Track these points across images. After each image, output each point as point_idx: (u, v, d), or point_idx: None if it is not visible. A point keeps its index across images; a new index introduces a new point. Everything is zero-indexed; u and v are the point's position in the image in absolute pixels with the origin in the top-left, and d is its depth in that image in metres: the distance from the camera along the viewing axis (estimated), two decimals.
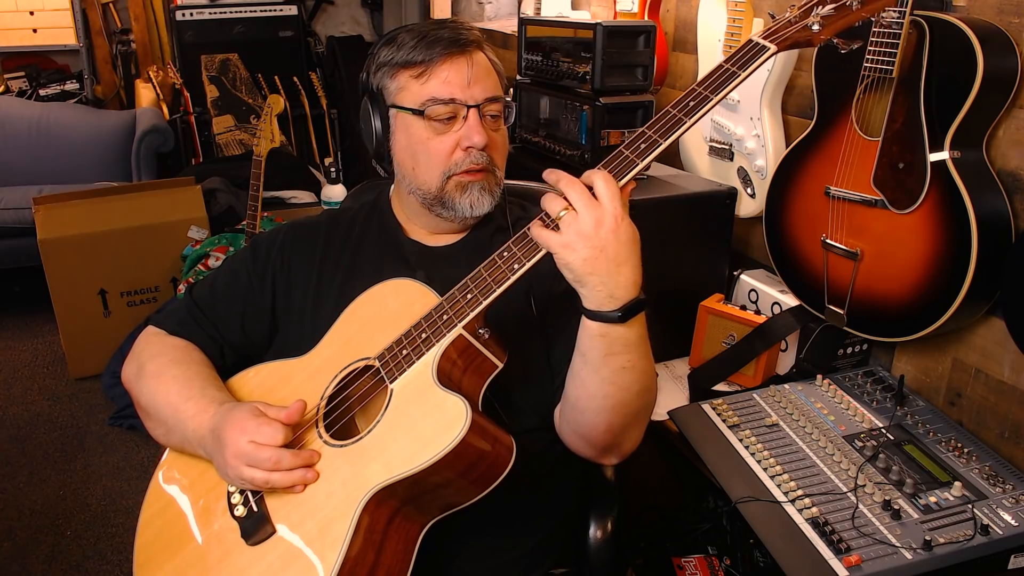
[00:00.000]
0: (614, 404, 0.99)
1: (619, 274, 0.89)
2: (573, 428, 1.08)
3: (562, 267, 0.89)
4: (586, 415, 1.02)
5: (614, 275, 0.89)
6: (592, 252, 0.87)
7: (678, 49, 2.21)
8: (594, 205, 0.87)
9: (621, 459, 1.11)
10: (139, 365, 1.17)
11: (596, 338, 0.94)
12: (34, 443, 2.70)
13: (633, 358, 0.96)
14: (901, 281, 1.40)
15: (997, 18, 1.33)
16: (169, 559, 1.05)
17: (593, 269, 0.88)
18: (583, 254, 0.87)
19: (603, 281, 0.89)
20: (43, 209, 3.01)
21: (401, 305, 1.05)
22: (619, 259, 0.88)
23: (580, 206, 0.88)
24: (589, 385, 0.99)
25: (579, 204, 0.88)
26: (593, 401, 1.00)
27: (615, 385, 0.97)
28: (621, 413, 1.00)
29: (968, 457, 1.32)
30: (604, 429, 1.02)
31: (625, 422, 1.03)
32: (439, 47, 1.09)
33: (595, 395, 0.99)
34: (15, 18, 4.20)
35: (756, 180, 1.80)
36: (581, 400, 1.01)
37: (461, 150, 1.10)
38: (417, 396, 0.95)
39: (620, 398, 0.98)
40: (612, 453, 1.09)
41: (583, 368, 0.98)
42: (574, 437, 1.09)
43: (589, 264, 0.88)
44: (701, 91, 0.93)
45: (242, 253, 1.27)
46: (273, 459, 0.96)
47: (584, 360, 0.97)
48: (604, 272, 0.88)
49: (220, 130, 4.08)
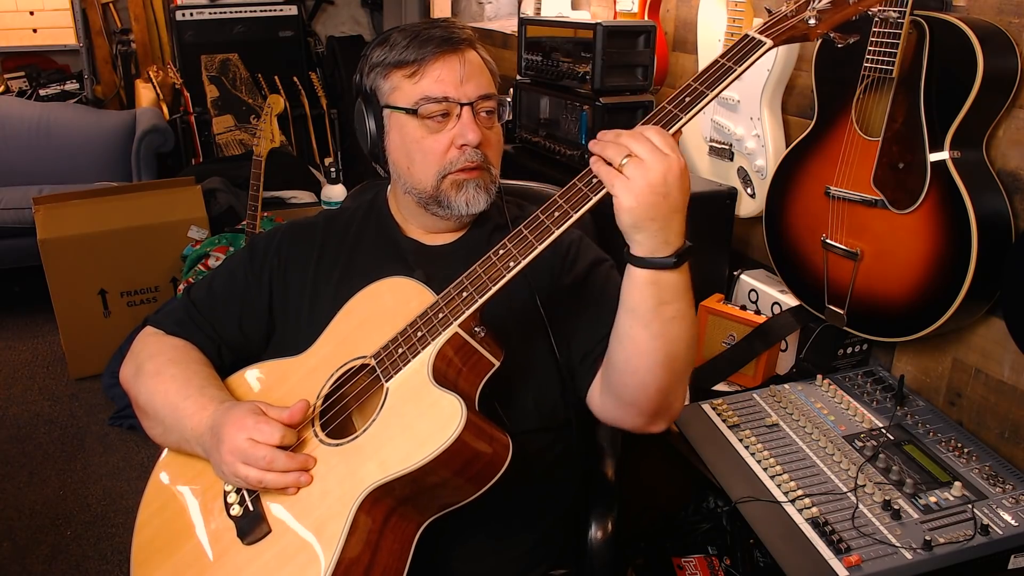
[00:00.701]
0: (665, 358, 0.97)
1: (674, 221, 0.90)
2: (621, 397, 1.04)
3: (623, 211, 0.88)
4: (637, 376, 0.99)
5: (670, 221, 0.89)
6: (656, 198, 0.87)
7: (678, 49, 2.21)
8: (662, 154, 0.88)
9: (670, 423, 1.08)
10: (137, 365, 1.17)
11: (647, 287, 0.93)
12: (34, 443, 2.70)
13: (682, 307, 0.95)
14: (901, 281, 1.39)
15: (997, 18, 1.33)
16: (167, 558, 1.05)
17: (655, 215, 0.88)
18: (648, 199, 0.87)
19: (660, 227, 0.89)
20: (43, 209, 3.01)
21: (397, 303, 1.05)
22: (677, 207, 0.89)
23: (647, 154, 0.88)
24: (640, 342, 0.96)
25: (646, 152, 0.88)
26: (645, 359, 0.97)
27: (665, 338, 0.95)
28: (671, 369, 0.98)
29: (968, 457, 1.32)
30: (656, 389, 1.00)
31: (674, 378, 1.01)
32: (431, 46, 1.09)
33: (646, 351, 0.97)
34: (15, 18, 4.20)
35: (756, 180, 1.80)
36: (632, 361, 0.99)
37: (456, 148, 1.11)
38: (413, 395, 0.95)
39: (671, 351, 0.97)
40: (662, 417, 1.06)
41: (633, 325, 0.96)
42: (621, 409, 1.06)
43: (652, 210, 0.88)
44: (697, 87, 0.93)
45: (240, 253, 1.27)
46: (268, 458, 0.96)
47: (634, 316, 0.95)
48: (663, 219, 0.89)
49: (220, 130, 4.08)
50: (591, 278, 1.18)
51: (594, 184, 0.92)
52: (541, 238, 0.93)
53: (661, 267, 0.91)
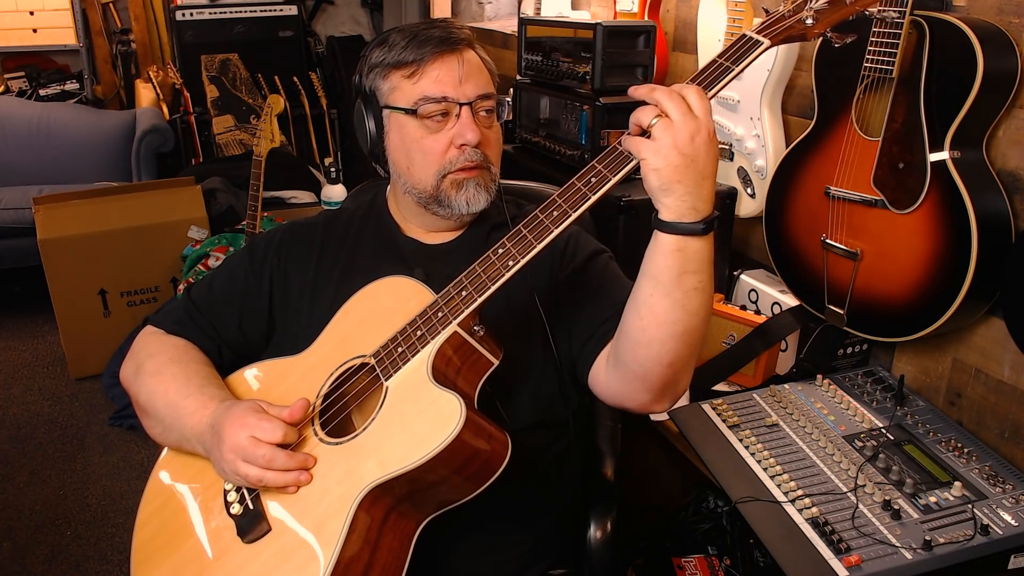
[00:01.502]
0: (682, 331, 0.96)
1: (703, 187, 0.89)
2: (631, 370, 1.03)
3: (650, 173, 0.88)
4: (651, 348, 0.98)
5: (699, 187, 0.89)
6: (684, 161, 0.87)
7: (678, 49, 2.21)
8: (691, 116, 0.88)
9: (674, 403, 1.07)
10: (137, 364, 1.17)
11: (672, 254, 0.92)
12: (34, 443, 2.70)
13: (704, 279, 0.94)
14: (901, 281, 1.39)
15: (997, 18, 1.33)
16: (166, 557, 1.05)
17: (682, 178, 0.88)
18: (675, 161, 0.87)
19: (689, 191, 0.89)
20: (43, 209, 3.01)
21: (396, 302, 1.05)
22: (706, 172, 0.89)
23: (677, 115, 0.88)
24: (659, 310, 0.95)
25: (676, 113, 0.88)
26: (662, 329, 0.96)
27: (685, 308, 0.95)
28: (686, 342, 0.97)
29: (968, 457, 1.32)
30: (668, 362, 0.99)
31: (687, 353, 1.00)
32: (429, 46, 1.10)
33: (664, 321, 0.96)
34: (15, 18, 4.20)
35: (756, 180, 1.80)
36: (648, 331, 0.97)
37: (455, 148, 1.11)
38: (412, 393, 0.95)
39: (688, 323, 0.96)
40: (667, 394, 1.05)
41: (654, 292, 0.95)
42: (629, 384, 1.05)
43: (679, 172, 0.88)
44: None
45: (240, 253, 1.27)
46: (268, 456, 0.96)
47: (655, 283, 0.94)
48: (691, 182, 0.88)
49: (220, 130, 4.08)
50: (590, 268, 1.18)
51: (592, 183, 0.92)
52: (540, 237, 0.93)
53: (688, 233, 0.90)
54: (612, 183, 0.93)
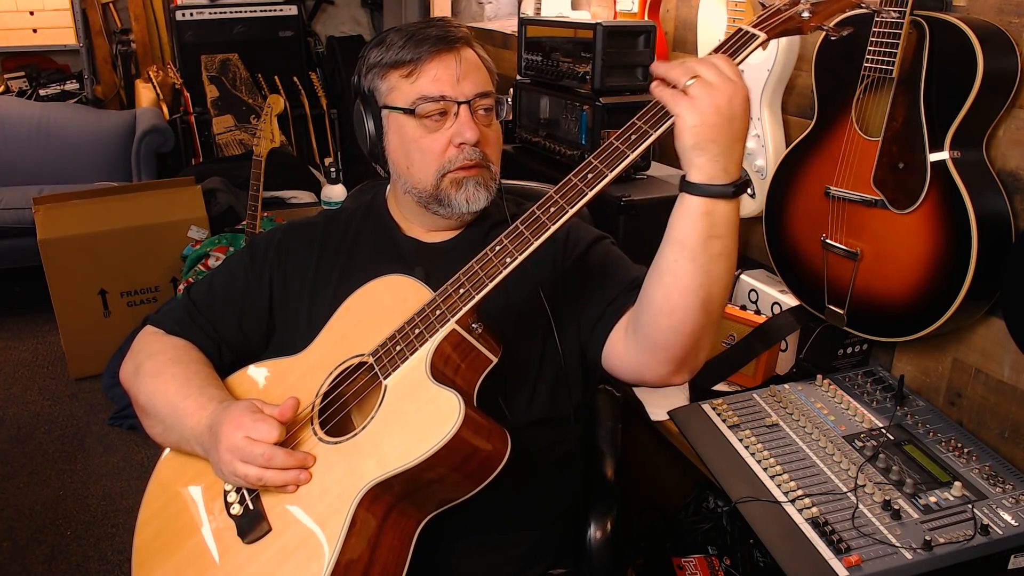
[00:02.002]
0: (705, 297, 0.95)
1: (735, 149, 0.89)
2: (653, 339, 1.02)
3: (685, 130, 0.88)
4: (674, 316, 0.97)
5: (731, 148, 0.89)
6: (721, 120, 0.87)
7: (678, 49, 2.21)
8: (729, 78, 0.88)
9: (692, 375, 1.06)
10: (137, 364, 1.17)
11: (701, 217, 0.91)
12: (34, 443, 2.70)
13: (730, 244, 0.94)
14: (901, 281, 1.39)
15: (997, 18, 1.33)
16: (167, 558, 1.05)
17: (717, 137, 0.87)
18: (712, 120, 0.87)
19: (722, 151, 0.88)
20: (43, 209, 3.01)
21: (395, 301, 1.05)
22: (739, 135, 0.89)
23: (714, 77, 0.87)
24: (683, 276, 0.94)
25: (712, 76, 0.87)
26: (686, 296, 0.95)
27: (710, 274, 0.94)
28: (707, 310, 0.97)
29: (968, 457, 1.32)
30: (689, 331, 0.98)
31: (709, 322, 0.99)
32: (427, 45, 1.09)
33: (688, 288, 0.95)
34: (15, 18, 4.20)
35: (756, 180, 1.80)
36: (672, 298, 0.96)
37: (454, 147, 1.11)
38: (411, 391, 0.95)
39: (711, 291, 0.95)
40: (687, 365, 1.04)
41: (679, 257, 0.94)
42: (648, 354, 1.04)
43: (716, 131, 0.87)
44: None
45: (239, 253, 1.27)
46: (266, 455, 0.96)
47: (681, 248, 0.94)
48: (725, 143, 0.88)
49: (220, 130, 4.08)
50: (592, 254, 1.19)
51: (589, 179, 0.92)
52: (537, 233, 0.93)
53: (718, 195, 0.90)
54: (608, 179, 0.93)
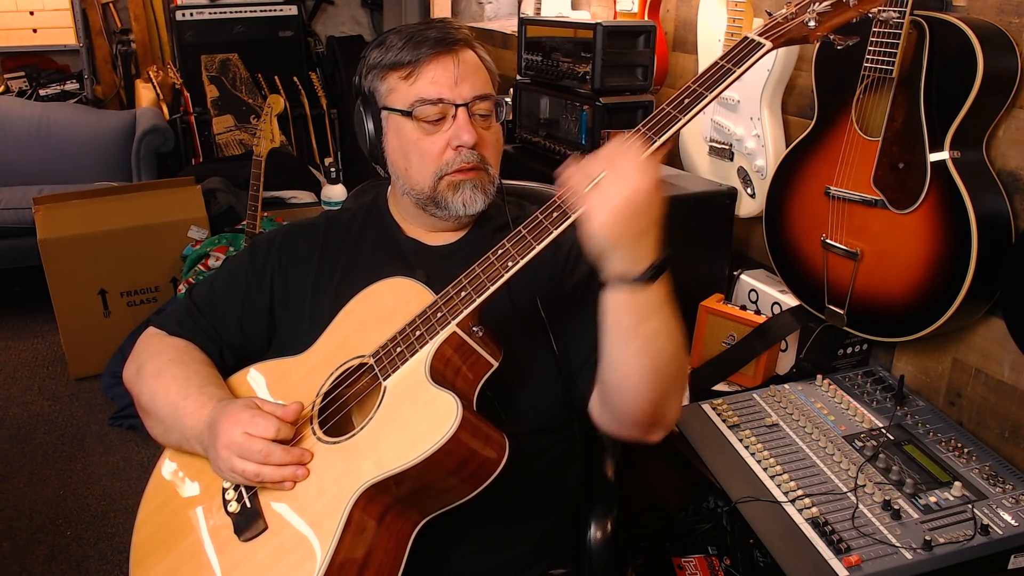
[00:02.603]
0: (652, 374, 0.97)
1: (644, 241, 0.89)
2: (617, 413, 1.05)
3: (589, 236, 0.88)
4: (627, 394, 1.00)
5: (641, 242, 0.89)
6: (618, 222, 0.87)
7: (678, 49, 2.21)
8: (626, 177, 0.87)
9: (667, 432, 1.08)
10: (139, 365, 1.18)
11: (624, 307, 0.92)
12: (34, 443, 2.70)
13: (663, 321, 0.95)
14: (901, 281, 1.39)
15: (997, 18, 1.33)
16: (165, 555, 1.05)
17: (620, 239, 0.88)
18: (612, 225, 0.87)
19: (631, 247, 0.89)
20: (43, 209, 3.01)
21: (397, 303, 1.05)
22: (647, 228, 0.89)
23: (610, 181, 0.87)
24: (624, 361, 0.96)
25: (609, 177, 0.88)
26: (632, 377, 0.97)
27: (649, 354, 0.95)
28: (660, 382, 0.98)
29: (968, 457, 1.32)
30: (647, 402, 1.00)
31: (666, 390, 1.00)
32: (426, 47, 1.09)
33: (632, 370, 0.96)
34: (15, 18, 4.20)
35: (756, 180, 1.80)
36: (620, 379, 0.99)
37: (451, 149, 1.10)
38: (410, 393, 0.95)
39: (656, 366, 0.96)
40: (658, 427, 1.06)
41: (615, 345, 0.96)
42: (618, 422, 1.07)
43: (618, 235, 0.88)
44: (696, 88, 0.93)
45: (241, 254, 1.27)
46: (264, 451, 0.96)
47: (615, 335, 0.95)
48: (632, 239, 0.88)
49: (220, 130, 4.08)
50: (592, 281, 1.18)
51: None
52: (539, 238, 0.93)
53: (635, 283, 0.91)
54: None
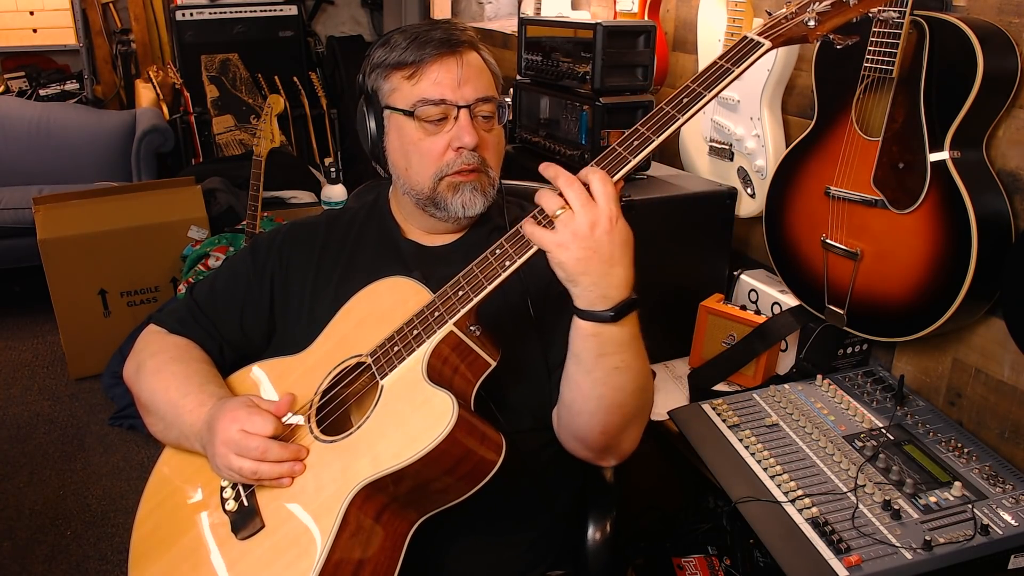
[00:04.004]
0: (608, 405, 0.98)
1: (611, 275, 0.89)
2: (570, 431, 1.08)
3: (555, 266, 0.89)
4: (582, 417, 1.02)
5: (607, 275, 0.89)
6: (586, 252, 0.87)
7: (678, 49, 2.21)
8: (591, 205, 0.88)
9: (620, 460, 1.11)
10: (139, 362, 1.18)
11: (589, 338, 0.94)
12: (34, 443, 2.70)
13: (626, 358, 0.95)
14: (901, 281, 1.39)
15: (997, 18, 1.33)
16: (164, 553, 1.05)
17: (586, 269, 0.88)
18: (577, 254, 0.87)
19: (595, 282, 0.89)
20: (43, 209, 3.01)
21: (395, 302, 1.05)
22: (612, 260, 0.89)
23: (577, 206, 0.88)
24: (583, 386, 0.98)
25: (576, 204, 0.88)
26: (588, 403, 0.99)
27: (608, 386, 0.97)
28: (617, 414, 1.00)
29: (968, 457, 1.32)
30: (600, 431, 1.02)
31: (621, 423, 1.02)
32: (430, 47, 1.10)
33: (589, 396, 0.98)
34: (15, 18, 4.20)
35: (756, 180, 1.80)
36: (576, 402, 1.01)
37: (452, 151, 1.11)
38: (406, 392, 0.95)
39: (614, 399, 0.98)
40: (610, 454, 1.09)
41: (576, 370, 0.98)
42: (571, 440, 1.09)
43: (583, 264, 0.88)
44: (695, 88, 0.93)
45: (242, 253, 1.27)
46: (261, 448, 0.96)
47: (577, 361, 0.97)
48: (597, 272, 0.89)
49: (220, 130, 4.08)
50: None
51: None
52: None
53: (600, 320, 0.91)
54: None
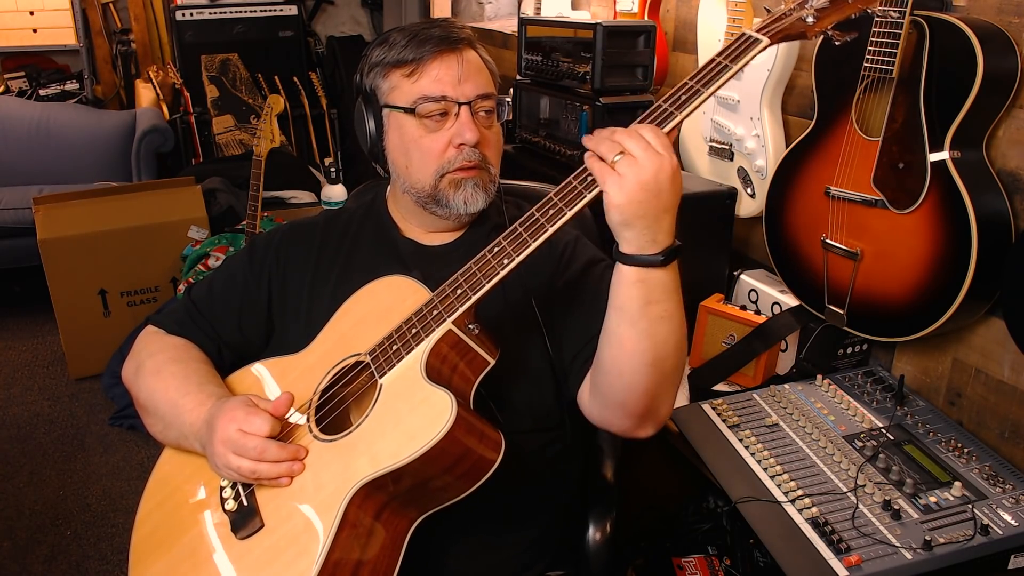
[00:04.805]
0: (653, 359, 0.97)
1: (663, 220, 0.90)
2: (609, 397, 1.04)
3: (613, 208, 0.89)
4: (624, 378, 0.99)
5: (659, 220, 0.90)
6: (647, 196, 0.88)
7: (678, 49, 2.21)
8: (655, 152, 0.88)
9: (657, 428, 1.07)
10: (138, 363, 1.18)
11: (635, 285, 0.93)
12: (34, 443, 2.70)
13: (670, 307, 0.95)
14: (901, 281, 1.39)
15: (997, 18, 1.33)
16: (164, 554, 1.05)
17: (644, 212, 0.88)
18: (638, 197, 0.87)
19: (648, 225, 0.89)
20: (43, 209, 3.01)
21: (394, 301, 1.05)
22: (667, 206, 0.90)
23: (639, 152, 0.88)
24: (626, 342, 0.96)
25: (638, 150, 0.88)
26: (632, 359, 0.97)
27: (653, 338, 0.95)
28: (659, 370, 0.98)
29: (968, 457, 1.32)
30: (642, 391, 0.99)
31: (662, 380, 1.00)
32: (429, 45, 1.10)
33: (634, 351, 0.96)
34: (15, 18, 4.20)
35: (756, 180, 1.80)
36: (619, 361, 0.98)
37: (453, 147, 1.11)
38: (405, 391, 0.95)
39: (658, 352, 0.96)
40: (649, 420, 1.05)
41: (620, 323, 0.96)
42: (609, 410, 1.06)
43: (642, 207, 0.88)
44: (692, 85, 0.93)
45: (240, 254, 1.27)
46: (259, 448, 0.96)
47: (621, 313, 0.95)
48: (651, 217, 0.89)
49: (220, 130, 4.08)
50: (585, 278, 1.18)
51: (589, 182, 0.92)
52: (535, 235, 0.93)
53: (649, 264, 0.91)
54: None
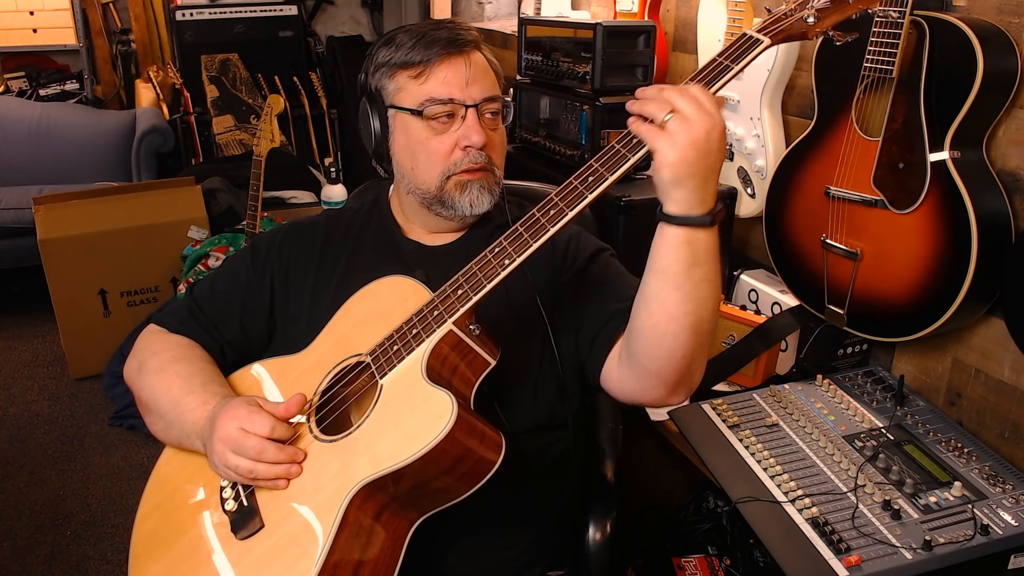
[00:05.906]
0: (694, 323, 0.96)
1: (711, 181, 0.90)
2: (645, 366, 1.03)
3: (663, 166, 0.88)
4: (664, 342, 0.98)
5: (707, 181, 0.90)
6: (698, 155, 0.88)
7: (678, 49, 2.21)
8: (707, 112, 0.88)
9: (689, 394, 1.07)
10: (140, 362, 1.18)
11: (681, 247, 0.92)
12: (34, 443, 2.70)
13: (711, 270, 0.95)
14: (901, 281, 1.39)
15: (997, 18, 1.33)
16: (164, 553, 1.05)
17: (694, 172, 0.88)
18: (690, 156, 0.87)
19: (698, 185, 0.89)
20: (43, 209, 3.01)
21: (395, 301, 1.05)
22: (715, 167, 0.90)
23: (691, 111, 0.88)
24: (669, 305, 0.95)
25: (690, 110, 0.88)
26: (673, 322, 0.96)
27: (696, 301, 0.95)
28: (697, 333, 0.98)
29: (968, 457, 1.32)
30: (681, 356, 0.99)
31: (700, 344, 1.00)
32: (437, 47, 1.09)
33: (676, 315, 0.96)
34: (15, 18, 4.20)
35: (756, 180, 1.80)
36: (660, 325, 0.97)
37: (460, 149, 1.11)
38: (405, 391, 0.95)
39: (699, 315, 0.96)
40: (683, 387, 1.05)
41: (663, 287, 0.95)
42: (643, 380, 1.05)
43: (692, 167, 0.88)
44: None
45: (242, 253, 1.27)
46: (258, 448, 0.96)
47: (664, 277, 0.95)
48: (701, 176, 0.89)
49: (220, 130, 4.08)
50: (592, 267, 1.18)
51: (590, 182, 0.92)
52: (536, 235, 0.93)
53: (697, 225, 0.91)
54: (609, 182, 0.93)
